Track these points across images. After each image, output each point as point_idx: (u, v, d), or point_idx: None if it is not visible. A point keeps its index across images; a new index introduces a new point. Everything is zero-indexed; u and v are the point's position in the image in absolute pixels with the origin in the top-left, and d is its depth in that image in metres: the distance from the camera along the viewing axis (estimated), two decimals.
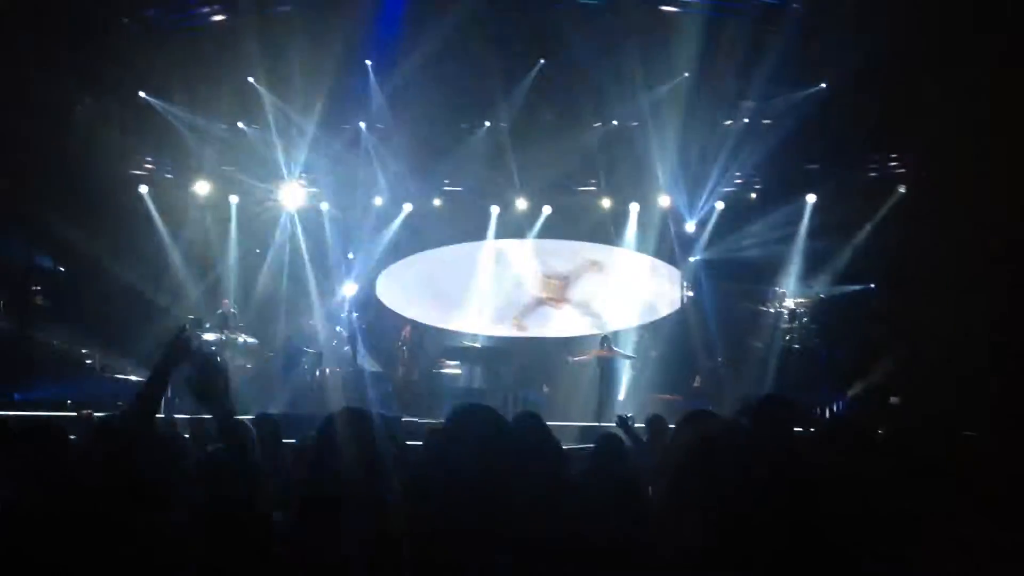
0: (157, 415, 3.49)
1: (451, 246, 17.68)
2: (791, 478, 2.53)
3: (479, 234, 17.52)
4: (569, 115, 15.58)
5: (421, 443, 7.94)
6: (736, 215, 16.39)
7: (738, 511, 2.32)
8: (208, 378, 3.09)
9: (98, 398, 11.20)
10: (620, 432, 6.08)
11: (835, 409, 13.82)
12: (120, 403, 10.13)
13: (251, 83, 14.90)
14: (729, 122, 15.49)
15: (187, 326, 3.33)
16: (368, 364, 15.00)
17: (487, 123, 15.99)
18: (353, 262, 17.29)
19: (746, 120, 15.35)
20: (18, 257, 14.81)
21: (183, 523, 3.03)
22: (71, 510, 2.78)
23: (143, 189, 16.06)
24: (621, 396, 15.16)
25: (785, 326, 15.16)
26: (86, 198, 14.12)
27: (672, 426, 7.92)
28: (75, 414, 8.19)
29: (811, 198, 15.88)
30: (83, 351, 13.91)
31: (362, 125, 16.11)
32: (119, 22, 13.16)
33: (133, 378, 13.41)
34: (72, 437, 3.83)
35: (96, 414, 7.38)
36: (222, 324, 14.56)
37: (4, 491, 3.12)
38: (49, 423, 3.74)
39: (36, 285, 15.08)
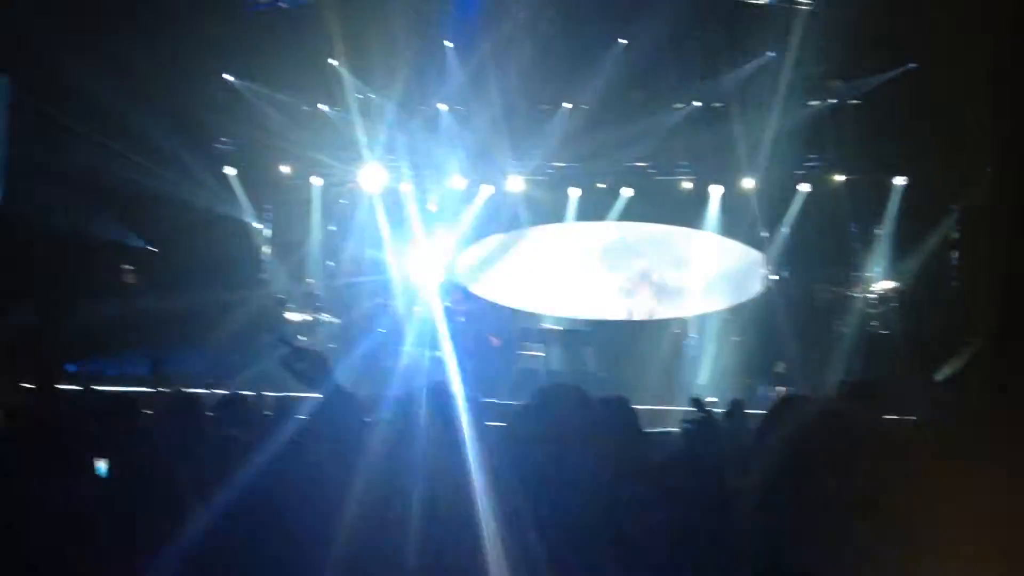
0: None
1: (530, 228, 17.65)
2: (889, 465, 2.46)
3: (558, 216, 17.45)
4: (650, 96, 15.42)
5: (503, 424, 8.00)
6: (821, 197, 16.06)
7: (836, 498, 2.27)
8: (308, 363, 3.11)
9: (191, 373, 11.48)
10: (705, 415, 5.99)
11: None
12: (210, 380, 10.36)
13: (333, 64, 15.05)
14: (815, 102, 15.16)
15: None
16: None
17: (567, 104, 15.89)
18: (433, 243, 17.38)
19: (833, 100, 15.01)
20: (110, 235, 15.20)
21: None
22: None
23: (229, 170, 16.33)
24: (703, 381, 14.99)
25: (872, 311, 14.84)
26: (175, 180, 14.42)
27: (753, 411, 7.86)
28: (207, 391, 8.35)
29: (900, 180, 15.49)
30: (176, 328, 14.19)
31: (441, 107, 16.14)
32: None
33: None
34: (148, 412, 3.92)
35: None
36: (306, 304, 14.77)
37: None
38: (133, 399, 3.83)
39: (127, 263, 15.45)
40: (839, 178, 16.25)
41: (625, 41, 14.73)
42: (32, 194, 13.84)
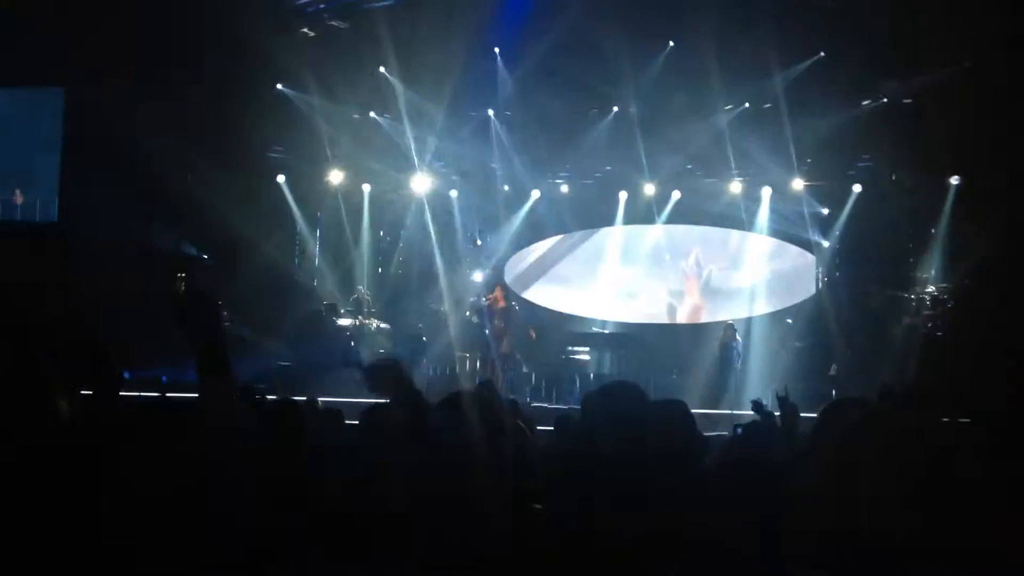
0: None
1: (579, 232, 17.64)
2: (946, 469, 2.44)
3: (607, 220, 17.42)
4: (699, 98, 15.30)
5: (551, 428, 8.01)
6: (874, 198, 15.87)
7: (894, 501, 2.25)
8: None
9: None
10: (762, 418, 5.94)
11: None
12: (262, 385, 10.46)
13: (383, 73, 15.17)
14: (867, 102, 14.98)
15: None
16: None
17: (615, 108, 15.86)
18: (482, 248, 17.47)
19: (885, 99, 14.83)
20: (166, 246, 15.44)
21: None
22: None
23: (280, 178, 16.52)
24: (755, 384, 14.84)
25: (927, 312, 14.62)
26: (228, 188, 14.61)
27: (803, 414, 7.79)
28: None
29: (954, 179, 15.26)
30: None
31: (490, 112, 16.20)
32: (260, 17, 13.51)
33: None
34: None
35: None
36: (357, 310, 14.89)
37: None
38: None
39: (182, 272, 15.67)
40: (892, 178, 16.03)
41: (673, 43, 14.66)
42: (88, 205, 14.11)
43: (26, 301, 10.90)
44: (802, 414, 7.84)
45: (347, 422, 4.79)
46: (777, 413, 7.03)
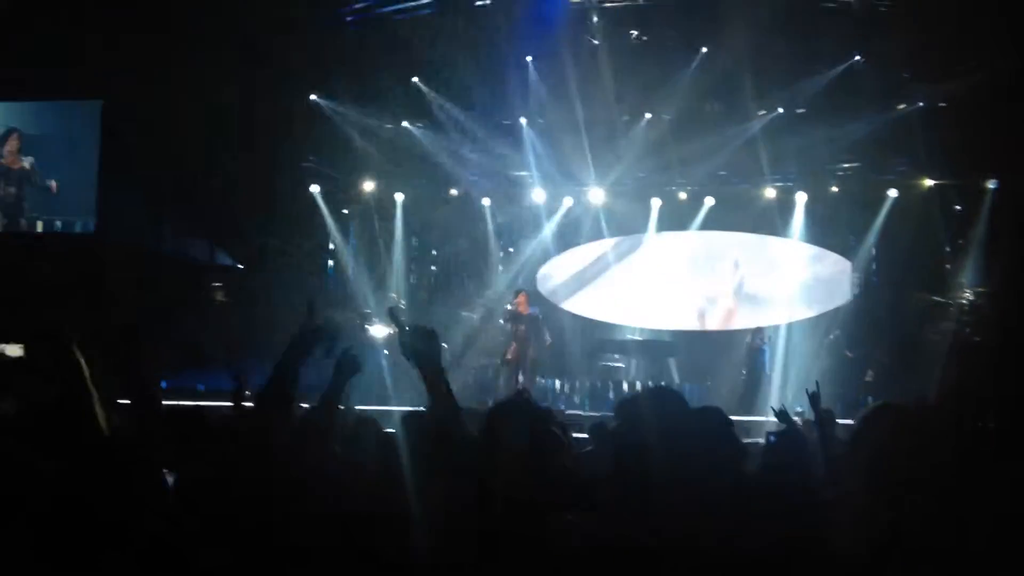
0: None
1: (612, 239, 17.60)
2: (985, 475, 2.41)
3: (640, 227, 17.36)
4: (732, 104, 15.24)
5: (586, 435, 8.00)
6: (910, 202, 15.71)
7: (934, 507, 2.23)
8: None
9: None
10: (787, 426, 5.89)
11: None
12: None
13: (416, 83, 15.24)
14: (903, 106, 14.84)
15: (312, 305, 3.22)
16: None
17: (648, 114, 15.81)
18: (515, 256, 17.48)
19: (920, 103, 14.69)
20: (200, 256, 15.58)
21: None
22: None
23: (314, 188, 16.62)
24: (790, 390, 14.68)
25: (964, 318, 14.44)
26: (262, 198, 14.74)
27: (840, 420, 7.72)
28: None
29: (991, 183, 15.08)
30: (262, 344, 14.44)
31: (523, 120, 16.21)
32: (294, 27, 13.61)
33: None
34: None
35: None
36: (391, 319, 14.94)
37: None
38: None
39: (217, 281, 15.80)
40: (928, 182, 15.85)
41: (706, 49, 14.61)
42: (124, 216, 14.27)
43: (65, 312, 11.04)
44: (838, 420, 7.83)
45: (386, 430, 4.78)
46: (797, 415, 6.96)
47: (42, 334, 2.81)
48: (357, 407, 8.45)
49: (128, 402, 3.14)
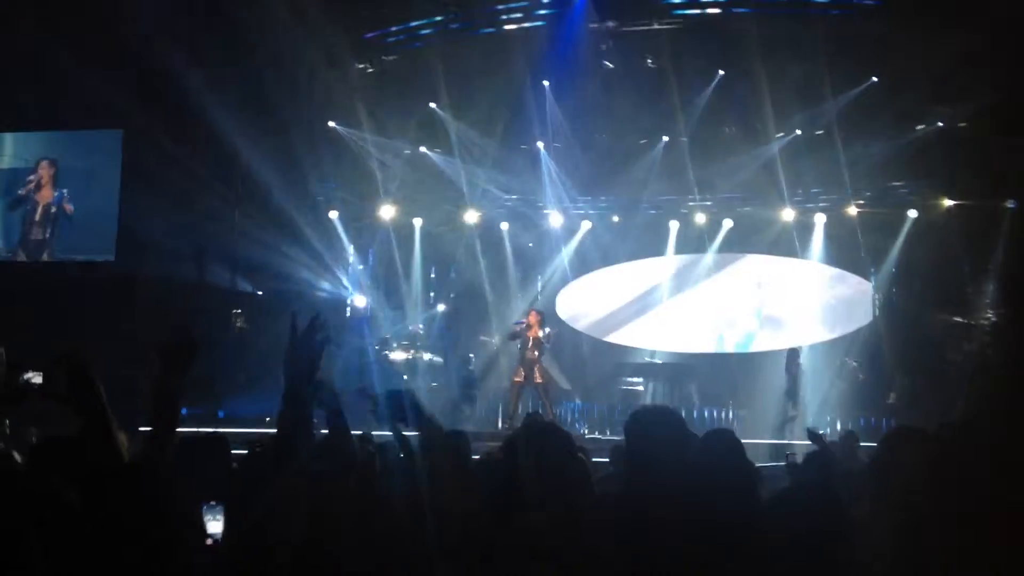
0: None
1: (631, 262, 17.57)
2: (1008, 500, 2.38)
3: (659, 250, 17.34)
4: (750, 126, 15.24)
5: (607, 459, 7.96)
6: (930, 223, 15.63)
7: (957, 533, 2.21)
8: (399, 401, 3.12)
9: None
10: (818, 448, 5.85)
11: None
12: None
13: (433, 108, 15.33)
14: (921, 127, 14.79)
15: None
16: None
17: (665, 137, 15.83)
18: (533, 280, 17.49)
19: (940, 124, 14.64)
20: (222, 282, 15.65)
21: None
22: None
23: (333, 214, 16.69)
24: (812, 412, 14.59)
25: (986, 339, 14.32)
26: (280, 226, 14.81)
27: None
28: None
29: (1010, 203, 14.99)
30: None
31: (540, 145, 16.25)
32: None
33: None
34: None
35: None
36: (410, 343, 14.96)
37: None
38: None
39: (237, 308, 15.85)
40: (947, 203, 15.77)
41: (723, 72, 14.63)
42: (144, 244, 14.36)
43: (85, 340, 11.10)
44: (860, 443, 7.78)
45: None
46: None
47: (61, 361, 2.82)
48: (376, 432, 8.49)
49: (150, 429, 3.14)
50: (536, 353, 13.18)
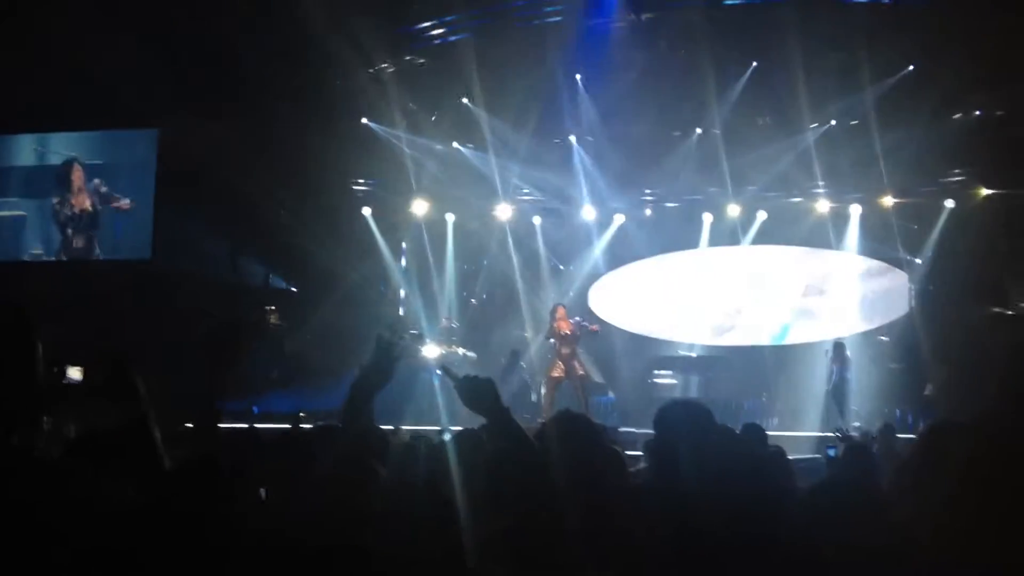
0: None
1: (664, 255, 17.51)
2: None
3: (692, 242, 17.26)
4: (784, 117, 15.10)
5: (639, 452, 7.95)
6: (968, 213, 15.44)
7: (1000, 528, 2.18)
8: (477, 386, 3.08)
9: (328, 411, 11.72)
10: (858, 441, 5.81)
11: None
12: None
13: (465, 104, 15.34)
14: (958, 115, 14.60)
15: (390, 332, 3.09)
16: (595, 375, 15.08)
17: (698, 130, 15.74)
18: (566, 274, 17.48)
19: (977, 112, 14.44)
20: (256, 279, 15.77)
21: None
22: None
23: (366, 211, 16.76)
24: (852, 406, 14.45)
25: None
26: (314, 221, 14.89)
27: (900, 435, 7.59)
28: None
29: None
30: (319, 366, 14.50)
31: (573, 138, 16.22)
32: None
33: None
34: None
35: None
36: (443, 338, 15.00)
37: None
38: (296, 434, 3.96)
39: (271, 304, 15.96)
40: (985, 192, 15.57)
41: (756, 63, 14.51)
42: (180, 241, 14.49)
43: (124, 338, 11.22)
44: (898, 435, 7.71)
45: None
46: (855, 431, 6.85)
47: (101, 357, 2.85)
48: (407, 427, 8.54)
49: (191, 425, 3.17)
50: (570, 347, 13.24)
